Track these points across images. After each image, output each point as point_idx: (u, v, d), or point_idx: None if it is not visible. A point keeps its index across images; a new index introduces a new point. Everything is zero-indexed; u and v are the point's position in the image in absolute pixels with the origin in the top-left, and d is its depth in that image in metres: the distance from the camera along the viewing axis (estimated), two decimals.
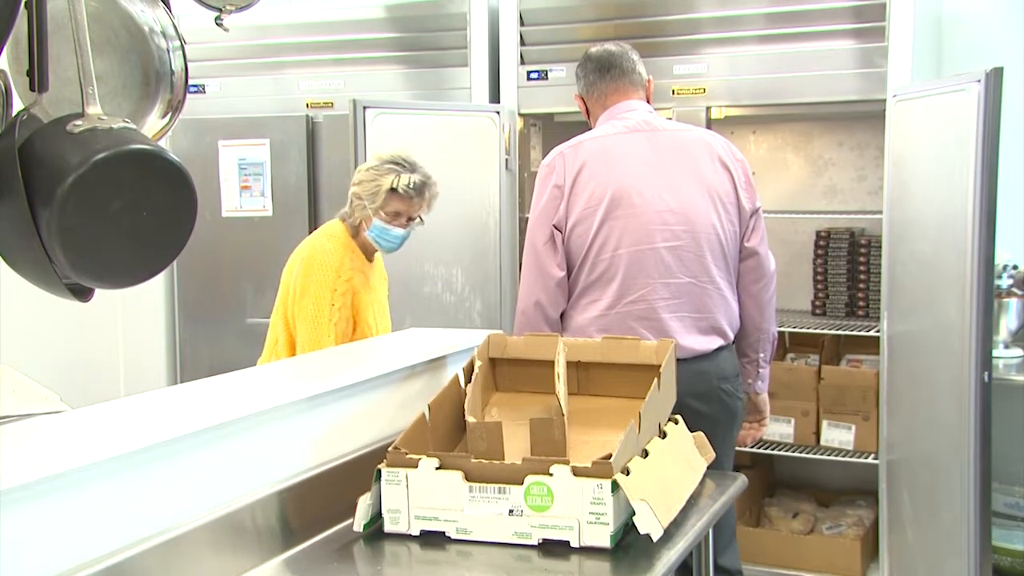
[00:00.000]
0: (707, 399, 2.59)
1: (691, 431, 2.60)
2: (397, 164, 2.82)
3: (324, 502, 1.79)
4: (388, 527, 1.75)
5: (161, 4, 1.76)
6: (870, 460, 3.50)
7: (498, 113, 3.76)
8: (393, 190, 2.78)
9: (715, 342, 2.64)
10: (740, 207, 2.68)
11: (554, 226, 2.63)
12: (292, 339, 2.83)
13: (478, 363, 2.00)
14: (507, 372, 2.15)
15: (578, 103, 2.87)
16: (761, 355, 2.78)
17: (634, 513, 1.64)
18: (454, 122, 3.71)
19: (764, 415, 2.88)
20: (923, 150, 3.12)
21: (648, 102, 2.82)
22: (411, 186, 2.78)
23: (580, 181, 2.62)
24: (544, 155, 2.63)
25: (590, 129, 2.80)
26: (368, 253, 2.90)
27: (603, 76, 2.77)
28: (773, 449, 3.70)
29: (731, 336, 2.69)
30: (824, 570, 3.57)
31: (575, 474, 1.65)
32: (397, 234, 2.82)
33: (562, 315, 2.67)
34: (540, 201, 2.68)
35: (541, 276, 2.63)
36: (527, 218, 3.93)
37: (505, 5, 3.79)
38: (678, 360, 2.47)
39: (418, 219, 2.88)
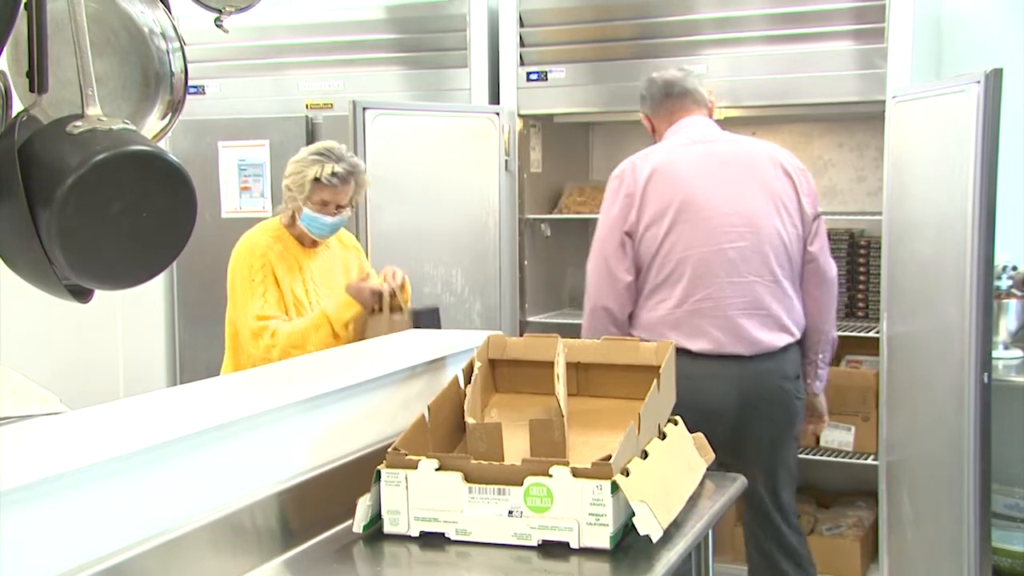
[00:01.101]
0: (769, 399, 2.74)
1: (750, 433, 2.64)
2: (321, 155, 2.92)
3: (324, 503, 1.79)
4: (388, 528, 1.75)
5: (161, 5, 1.76)
6: (870, 461, 3.50)
7: (498, 114, 3.76)
8: (317, 180, 2.88)
9: (782, 339, 2.77)
10: (803, 212, 2.83)
11: (626, 232, 2.77)
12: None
13: (478, 364, 2.01)
14: (507, 373, 2.15)
15: (644, 122, 3.04)
16: (820, 356, 2.92)
17: (634, 514, 1.64)
18: (454, 123, 3.71)
19: (823, 414, 3.02)
20: (923, 151, 3.12)
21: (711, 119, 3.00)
22: (333, 175, 2.88)
23: (649, 189, 2.77)
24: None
25: (653, 143, 2.96)
26: (307, 242, 3.00)
27: (669, 95, 2.95)
28: None
29: (797, 335, 2.82)
30: (824, 571, 3.55)
31: (575, 475, 1.65)
32: (326, 222, 2.93)
33: (630, 314, 2.81)
34: (612, 209, 2.82)
35: (611, 281, 2.78)
36: (527, 219, 3.97)
37: (505, 6, 3.80)
38: (743, 357, 2.69)
39: (349, 206, 2.97)
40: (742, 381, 2.70)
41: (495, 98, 3.85)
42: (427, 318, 2.90)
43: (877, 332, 3.42)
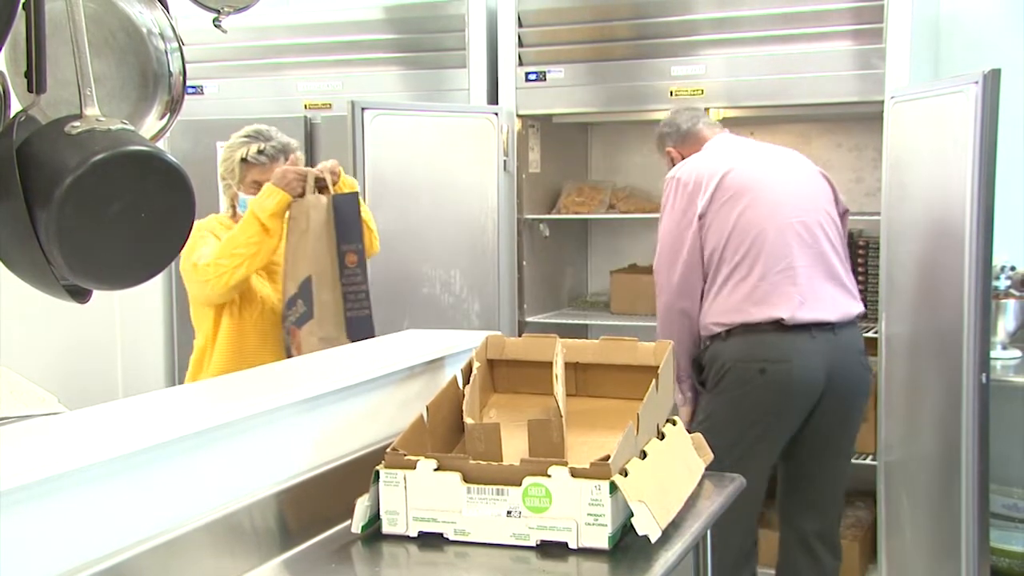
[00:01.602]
0: (850, 375, 2.87)
1: (828, 407, 2.82)
2: (249, 137, 2.90)
3: (322, 503, 1.79)
4: (386, 528, 1.75)
5: (159, 5, 1.76)
6: (868, 461, 3.50)
7: (496, 114, 3.76)
8: (244, 160, 2.86)
9: (856, 306, 2.92)
10: (839, 203, 3.08)
11: (699, 216, 2.90)
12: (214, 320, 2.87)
13: (476, 364, 2.01)
14: (505, 373, 2.15)
15: (671, 156, 3.19)
16: None
17: (632, 514, 1.64)
18: (452, 123, 3.71)
19: None
20: (921, 152, 3.12)
21: None
22: (260, 153, 2.85)
23: (713, 176, 2.92)
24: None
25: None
26: None
27: (695, 124, 3.18)
28: None
29: (862, 306, 2.96)
30: None
31: (573, 475, 1.65)
32: None
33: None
34: (677, 202, 2.97)
35: (688, 284, 2.92)
36: (525, 219, 3.97)
37: (503, 6, 3.80)
38: (831, 329, 2.81)
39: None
40: (830, 355, 2.80)
41: (494, 98, 3.85)
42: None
43: (875, 332, 3.42)
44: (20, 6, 1.43)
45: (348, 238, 2.78)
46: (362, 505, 1.74)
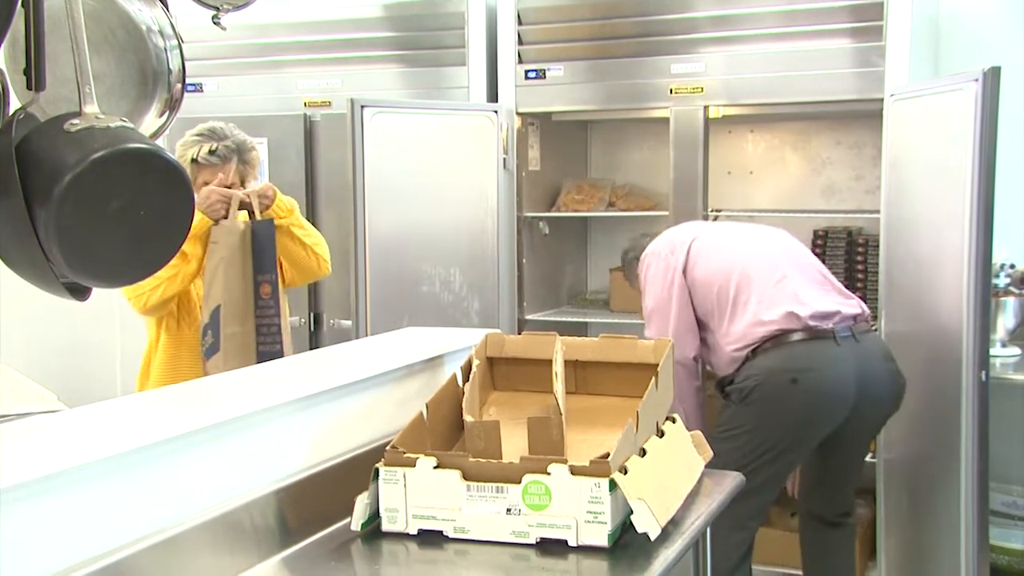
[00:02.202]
0: (880, 382, 2.86)
1: (861, 416, 2.82)
2: (201, 136, 2.80)
3: (322, 501, 1.79)
4: (386, 526, 1.75)
5: (158, 3, 1.76)
6: (868, 459, 3.49)
7: (496, 112, 3.76)
8: (195, 161, 2.77)
9: (854, 306, 2.91)
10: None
11: (682, 271, 2.97)
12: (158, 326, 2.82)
13: (476, 362, 2.00)
14: (505, 371, 2.15)
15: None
16: None
17: (632, 512, 1.64)
18: (452, 121, 3.71)
19: None
20: (921, 149, 3.12)
21: None
22: (211, 153, 2.75)
23: (683, 243, 3.02)
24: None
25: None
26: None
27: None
28: None
29: (866, 308, 2.95)
30: None
31: (573, 473, 1.65)
32: None
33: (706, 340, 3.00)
34: (659, 266, 3.02)
35: (682, 340, 2.94)
36: (525, 217, 3.97)
37: (503, 4, 3.79)
38: (846, 332, 2.82)
39: (237, 186, 2.79)
40: (858, 363, 2.80)
41: (493, 96, 3.85)
42: (263, 229, 2.67)
43: (875, 330, 3.42)
44: (19, 3, 1.43)
45: (263, 268, 2.66)
46: (362, 503, 1.74)
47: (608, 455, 1.65)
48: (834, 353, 2.79)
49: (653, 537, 1.64)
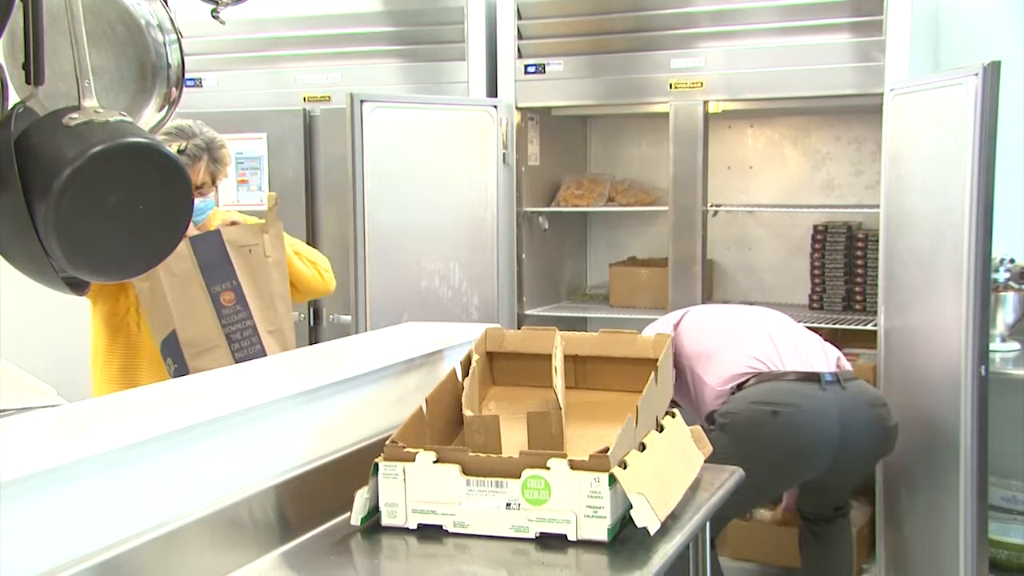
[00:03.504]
0: (866, 425, 2.84)
1: (847, 458, 2.83)
2: (168, 135, 2.66)
3: (321, 496, 1.79)
4: (385, 521, 1.75)
5: None
6: None
7: (495, 107, 3.76)
8: None
9: (836, 354, 2.97)
10: None
11: (674, 327, 3.10)
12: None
13: (475, 357, 2.01)
14: (504, 366, 2.15)
15: None
16: None
17: (631, 506, 1.64)
18: (451, 116, 3.71)
19: None
20: (920, 144, 3.12)
21: None
22: (181, 152, 2.62)
23: (673, 317, 3.17)
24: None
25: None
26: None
27: None
28: None
29: (847, 365, 2.99)
30: None
31: (572, 468, 1.65)
32: None
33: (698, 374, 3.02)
34: (653, 328, 3.05)
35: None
36: (525, 212, 3.98)
37: None
38: (832, 378, 2.83)
39: (212, 187, 2.74)
40: (843, 408, 2.80)
41: (493, 91, 3.84)
42: (202, 243, 2.56)
43: (874, 325, 3.43)
44: None
45: (217, 278, 2.56)
46: (361, 497, 1.74)
47: (607, 450, 1.65)
48: (818, 395, 2.79)
49: (652, 532, 1.64)
